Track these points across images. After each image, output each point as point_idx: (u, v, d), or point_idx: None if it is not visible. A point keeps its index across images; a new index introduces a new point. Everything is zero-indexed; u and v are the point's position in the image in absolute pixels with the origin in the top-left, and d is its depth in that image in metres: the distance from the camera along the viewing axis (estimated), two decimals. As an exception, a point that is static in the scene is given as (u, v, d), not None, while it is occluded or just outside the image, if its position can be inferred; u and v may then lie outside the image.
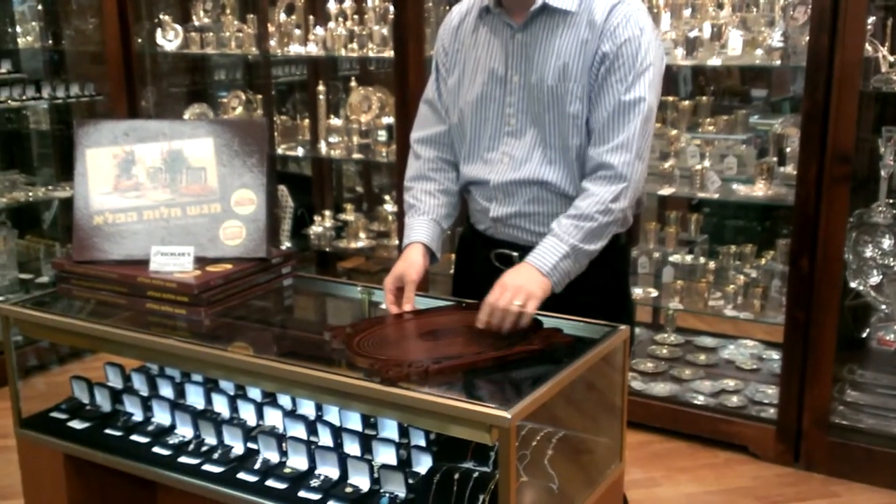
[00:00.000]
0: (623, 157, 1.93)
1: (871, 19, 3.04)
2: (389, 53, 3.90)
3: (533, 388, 1.61)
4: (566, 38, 1.95)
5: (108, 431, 2.11)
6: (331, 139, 4.34)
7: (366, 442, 1.89)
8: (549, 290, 1.89)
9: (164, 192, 2.22)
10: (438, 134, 2.19)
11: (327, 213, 4.55)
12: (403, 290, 2.01)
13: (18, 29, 4.80)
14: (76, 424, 2.16)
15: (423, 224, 2.12)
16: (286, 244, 4.49)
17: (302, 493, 1.81)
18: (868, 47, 3.03)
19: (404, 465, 1.84)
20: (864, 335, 3.37)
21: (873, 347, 3.29)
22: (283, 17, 4.32)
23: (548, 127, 1.99)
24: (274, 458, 1.93)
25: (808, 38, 3.04)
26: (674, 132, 3.66)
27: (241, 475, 1.89)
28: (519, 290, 1.83)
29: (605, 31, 1.92)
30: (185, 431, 2.07)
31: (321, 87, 4.35)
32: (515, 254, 2.05)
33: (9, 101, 4.32)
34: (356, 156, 4.25)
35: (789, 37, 3.26)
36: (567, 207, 2.01)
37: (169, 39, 4.45)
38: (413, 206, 2.17)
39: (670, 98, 3.72)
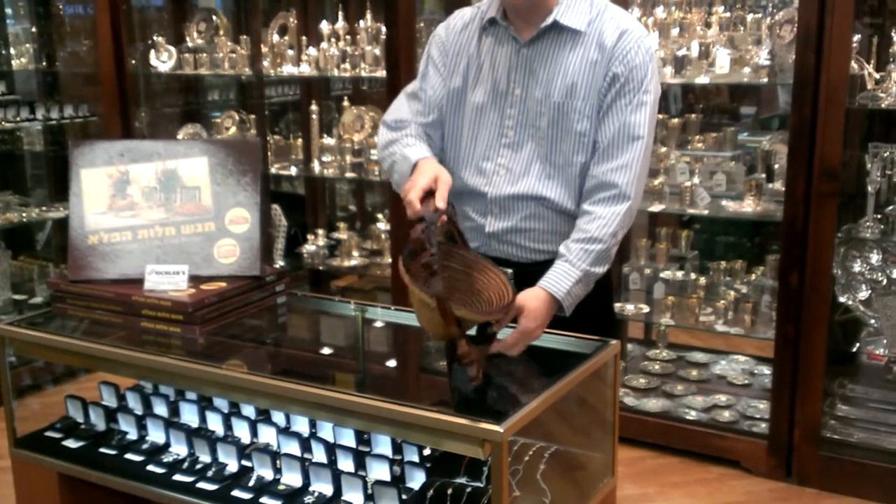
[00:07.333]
0: (626, 177, 1.97)
1: (857, 37, 3.08)
2: (381, 73, 3.93)
3: (524, 402, 1.63)
4: (574, 57, 1.99)
5: (102, 450, 2.12)
6: (324, 158, 4.36)
7: (359, 458, 1.90)
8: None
9: (158, 211, 2.24)
10: (418, 123, 2.12)
11: (320, 231, 4.56)
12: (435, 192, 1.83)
13: (12, 51, 4.83)
14: (70, 444, 2.17)
15: (424, 150, 2.02)
16: (280, 263, 4.50)
17: (296, 510, 1.82)
18: (854, 65, 3.07)
19: (398, 480, 1.85)
20: (854, 349, 3.39)
21: (863, 362, 3.32)
22: (276, 38, 4.35)
23: (549, 143, 2.01)
24: (268, 475, 1.93)
25: (794, 56, 3.08)
26: (663, 149, 3.70)
27: (236, 492, 1.90)
28: (543, 325, 1.91)
29: (616, 54, 1.96)
30: (179, 450, 2.07)
31: (314, 107, 4.38)
32: (510, 270, 2.05)
33: (3, 123, 4.35)
34: (349, 175, 4.27)
35: (776, 55, 3.30)
36: (564, 224, 2.03)
37: (163, 60, 4.48)
38: (405, 148, 2.03)
39: (660, 116, 3.74)
